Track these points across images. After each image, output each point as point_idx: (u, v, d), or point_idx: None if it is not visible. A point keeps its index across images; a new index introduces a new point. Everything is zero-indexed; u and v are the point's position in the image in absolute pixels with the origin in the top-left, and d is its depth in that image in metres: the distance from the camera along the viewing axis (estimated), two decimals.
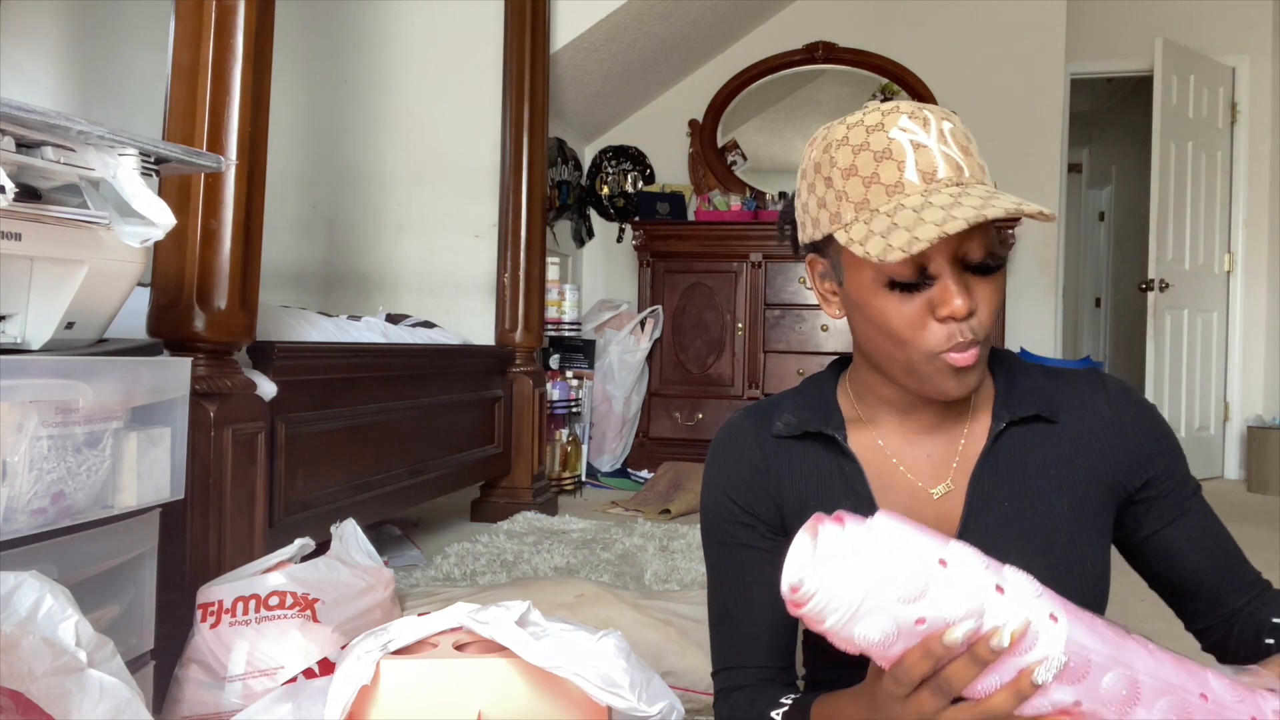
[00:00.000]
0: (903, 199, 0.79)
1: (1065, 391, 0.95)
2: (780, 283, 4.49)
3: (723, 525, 0.98)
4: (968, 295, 0.80)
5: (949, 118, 0.82)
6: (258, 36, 1.72)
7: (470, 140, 3.83)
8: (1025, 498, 0.90)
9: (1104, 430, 0.93)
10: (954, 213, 0.75)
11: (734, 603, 0.97)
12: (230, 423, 1.69)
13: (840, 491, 0.93)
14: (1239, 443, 4.91)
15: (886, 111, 0.82)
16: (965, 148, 0.81)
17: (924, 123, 0.81)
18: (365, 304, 3.79)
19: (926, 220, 0.76)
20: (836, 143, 0.83)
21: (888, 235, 0.77)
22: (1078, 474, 0.92)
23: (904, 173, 0.79)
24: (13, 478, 1.06)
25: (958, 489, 0.92)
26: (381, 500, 2.43)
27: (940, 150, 0.80)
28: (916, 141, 0.80)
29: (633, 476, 4.33)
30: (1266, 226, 4.93)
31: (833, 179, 0.83)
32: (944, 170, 0.79)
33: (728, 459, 0.98)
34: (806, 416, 0.95)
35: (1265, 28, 4.92)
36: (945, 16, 4.86)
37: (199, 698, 1.43)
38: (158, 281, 1.68)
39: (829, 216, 0.84)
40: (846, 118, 0.85)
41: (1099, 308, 7.18)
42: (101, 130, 1.13)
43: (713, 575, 1.00)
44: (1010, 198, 0.78)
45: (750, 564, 0.96)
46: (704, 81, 5.10)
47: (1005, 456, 0.92)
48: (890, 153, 0.80)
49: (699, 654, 1.65)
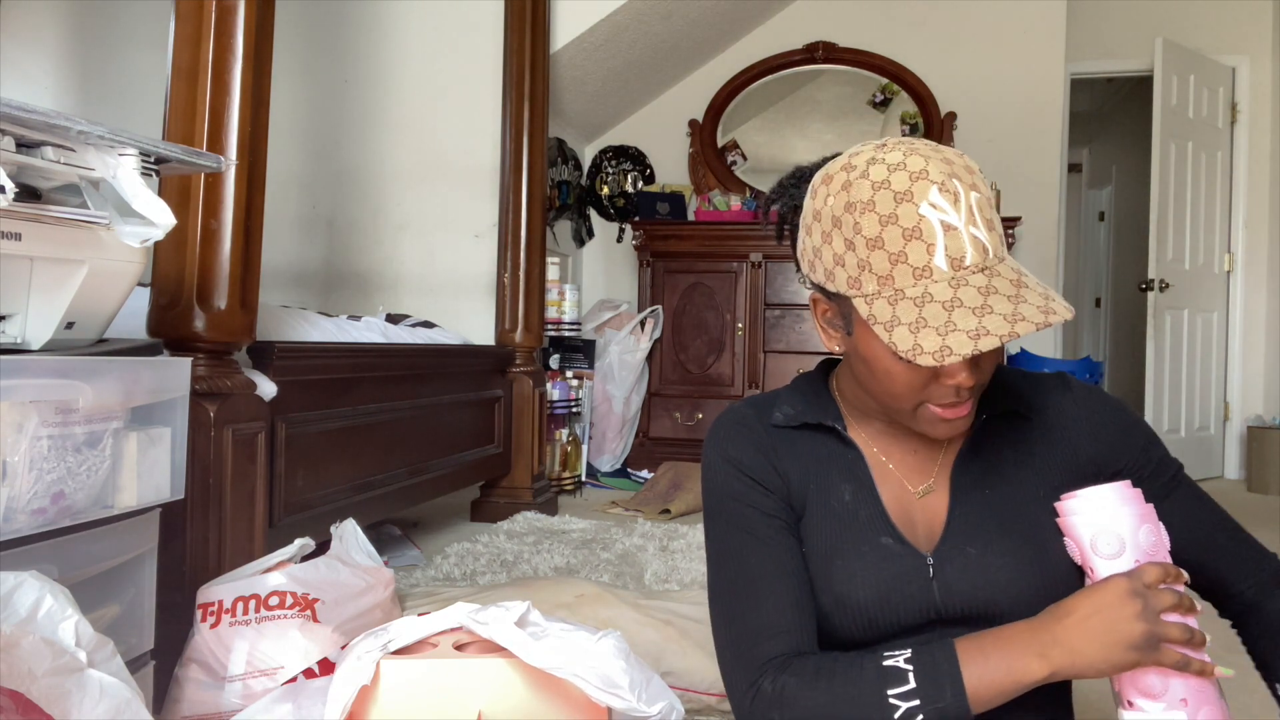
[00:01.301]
0: (930, 285, 0.79)
1: (1035, 391, 0.99)
2: (780, 283, 4.49)
3: (733, 499, 0.96)
4: (975, 367, 0.84)
5: (976, 186, 0.81)
6: (258, 36, 1.72)
7: (470, 140, 3.84)
8: (1004, 488, 0.94)
9: (1071, 424, 0.96)
10: (985, 323, 0.77)
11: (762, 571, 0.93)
12: (230, 423, 1.69)
13: (840, 477, 0.96)
14: (1239, 443, 4.91)
15: (915, 176, 0.80)
16: (990, 222, 0.81)
17: (954, 199, 0.79)
18: (365, 304, 3.79)
19: (959, 327, 0.77)
20: (861, 205, 0.81)
21: (917, 333, 0.78)
22: (1052, 465, 0.95)
23: (933, 257, 0.79)
24: (13, 478, 1.06)
25: (940, 483, 0.96)
26: (381, 500, 2.43)
27: (969, 233, 0.79)
28: (946, 223, 0.79)
29: (633, 476, 4.33)
30: (1266, 226, 4.93)
31: (855, 245, 0.82)
32: (971, 257, 0.79)
33: (733, 437, 0.98)
34: (804, 409, 0.98)
35: (1265, 28, 4.92)
36: (945, 16, 4.86)
37: (199, 698, 1.43)
38: (158, 281, 1.68)
39: (848, 279, 0.83)
40: (870, 171, 0.82)
41: (1099, 308, 7.19)
42: (101, 130, 1.13)
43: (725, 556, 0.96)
44: (1036, 300, 0.79)
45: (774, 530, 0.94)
46: (704, 81, 5.10)
47: (984, 450, 0.96)
48: (920, 232, 0.79)
49: (699, 654, 1.65)
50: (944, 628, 0.90)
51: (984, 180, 0.84)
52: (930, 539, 0.93)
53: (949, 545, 0.91)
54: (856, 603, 0.90)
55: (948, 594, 0.90)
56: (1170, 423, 4.69)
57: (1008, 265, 0.81)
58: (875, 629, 0.90)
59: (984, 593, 0.89)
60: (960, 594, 0.89)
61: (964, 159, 0.83)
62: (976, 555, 0.90)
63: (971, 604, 0.89)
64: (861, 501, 0.94)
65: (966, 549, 0.91)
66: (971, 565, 0.90)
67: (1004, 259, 0.82)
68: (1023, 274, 0.81)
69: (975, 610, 0.89)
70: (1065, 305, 0.79)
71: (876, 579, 0.90)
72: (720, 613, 0.94)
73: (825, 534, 0.94)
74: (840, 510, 0.94)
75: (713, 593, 0.96)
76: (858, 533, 0.93)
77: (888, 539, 0.92)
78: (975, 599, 0.89)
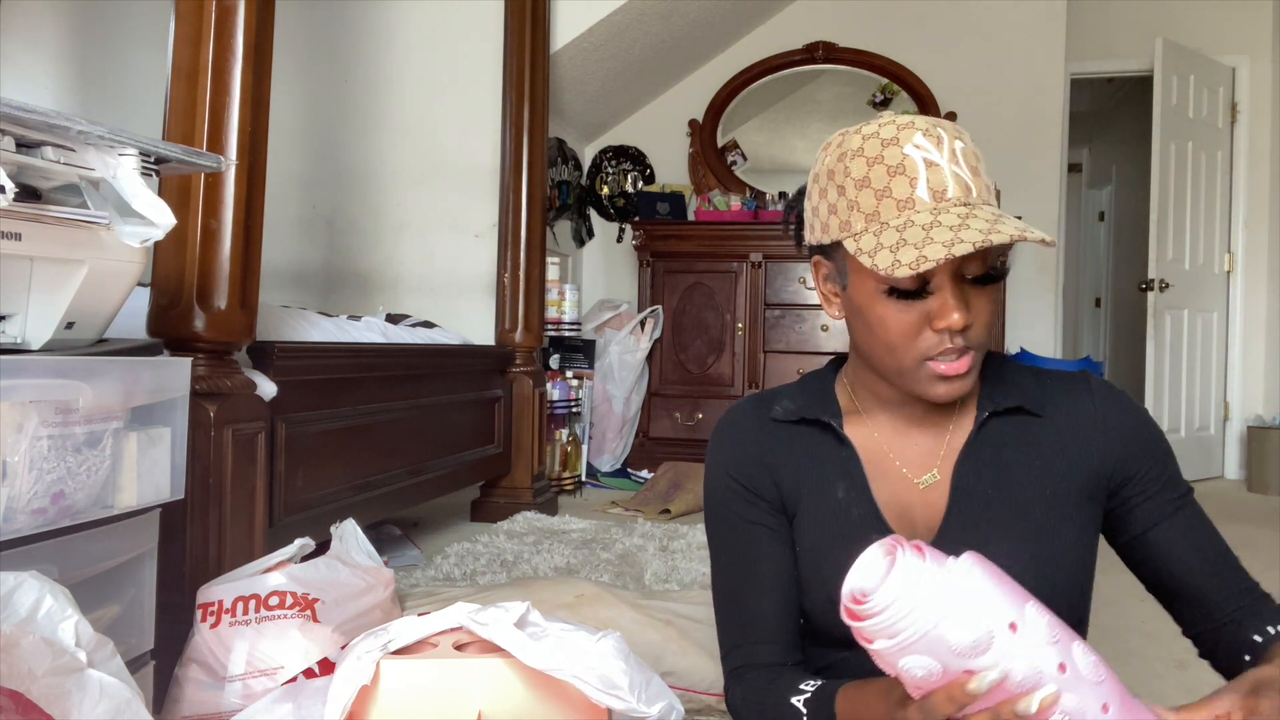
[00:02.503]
0: (913, 215, 0.82)
1: (1051, 389, 0.98)
2: (780, 283, 4.49)
3: (727, 506, 1.00)
4: (965, 309, 0.84)
5: (960, 136, 0.85)
6: (258, 36, 1.72)
7: (470, 140, 3.83)
8: (1007, 486, 0.93)
9: (1088, 424, 0.95)
10: (961, 234, 0.79)
11: (742, 581, 0.99)
12: (230, 423, 1.69)
13: (834, 475, 0.96)
14: (1239, 443, 4.90)
15: (902, 126, 0.84)
16: (975, 168, 0.85)
17: (937, 141, 0.84)
18: (365, 304, 3.79)
19: (935, 240, 0.79)
20: (851, 153, 0.85)
21: (896, 251, 0.80)
22: (1060, 465, 0.94)
23: (915, 189, 0.82)
24: (13, 478, 1.06)
25: (943, 478, 0.95)
26: (381, 500, 2.43)
27: (951, 170, 0.83)
28: (929, 159, 0.83)
29: (633, 476, 4.33)
30: (1266, 226, 4.93)
31: (845, 188, 0.85)
32: (953, 190, 0.82)
33: (730, 440, 1.01)
34: (805, 404, 0.99)
35: (1265, 28, 4.92)
36: (945, 16, 4.86)
37: (199, 698, 1.43)
38: (158, 281, 1.68)
39: (839, 224, 0.87)
40: (863, 127, 0.87)
41: (1099, 308, 7.19)
42: (101, 130, 1.13)
43: (718, 560, 1.02)
44: (1014, 223, 0.81)
45: (755, 540, 0.98)
46: (704, 81, 5.10)
47: (988, 447, 0.95)
48: (903, 168, 0.83)
49: (699, 654, 1.65)
50: None
51: (973, 144, 0.87)
52: (928, 535, 0.93)
53: (944, 543, 0.90)
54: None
55: None
56: (1170, 423, 4.69)
57: (990, 209, 0.83)
58: None
59: None
60: None
61: (956, 128, 0.86)
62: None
63: None
64: (854, 500, 0.95)
65: (961, 548, 0.90)
66: None
67: (989, 203, 0.84)
68: (1003, 215, 0.83)
69: None
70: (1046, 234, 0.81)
71: None
72: (718, 609, 1.02)
73: (817, 532, 0.95)
74: (833, 508, 0.95)
75: (713, 589, 1.03)
76: (850, 531, 0.93)
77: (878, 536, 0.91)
78: None
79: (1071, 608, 0.91)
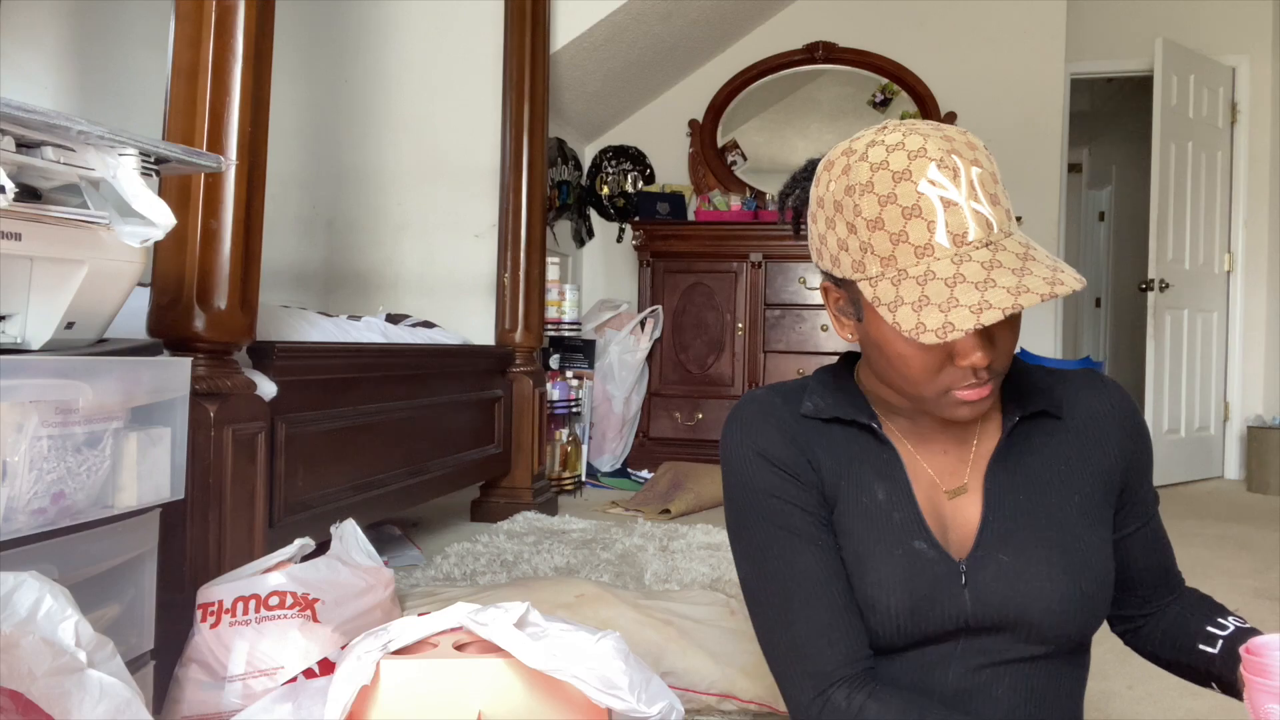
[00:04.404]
0: (932, 263, 0.77)
1: (1067, 389, 0.96)
2: (780, 283, 4.49)
3: (767, 494, 0.91)
4: (990, 346, 0.81)
5: (978, 161, 0.79)
6: (258, 36, 1.72)
7: (470, 140, 3.84)
8: (1038, 492, 0.92)
9: (1107, 423, 0.95)
10: (989, 297, 0.74)
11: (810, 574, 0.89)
12: (230, 423, 1.69)
13: (874, 476, 0.92)
14: (1239, 443, 4.91)
15: (913, 155, 0.78)
16: (994, 195, 0.79)
17: (953, 174, 0.77)
18: (365, 304, 3.79)
19: (961, 303, 0.75)
20: (860, 187, 0.79)
21: (920, 311, 0.76)
22: (1083, 468, 0.93)
23: (934, 235, 0.77)
24: (13, 478, 1.06)
25: (974, 486, 0.93)
26: (381, 500, 2.43)
27: (971, 207, 0.77)
28: (946, 199, 0.77)
29: (633, 476, 4.33)
30: (1266, 226, 4.93)
31: (856, 227, 0.80)
32: (975, 232, 0.77)
33: (761, 426, 0.93)
34: (835, 402, 0.94)
35: (1265, 28, 4.92)
36: (945, 17, 4.86)
37: (199, 698, 1.43)
38: (158, 281, 1.68)
39: (852, 263, 0.82)
40: (869, 151, 0.80)
41: (1099, 308, 7.18)
42: (101, 130, 1.13)
43: (763, 553, 0.91)
44: (1043, 272, 0.76)
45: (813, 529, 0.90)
46: (704, 81, 5.10)
47: (1017, 452, 0.93)
48: (919, 210, 0.77)
49: (699, 654, 1.64)
50: (971, 637, 0.89)
51: (988, 156, 0.82)
52: (963, 545, 0.90)
53: (982, 552, 0.89)
54: (886, 608, 0.88)
55: (979, 602, 0.87)
56: (1170, 423, 4.68)
57: (1014, 239, 0.79)
58: (903, 634, 0.88)
59: (1016, 602, 0.87)
60: (992, 603, 0.87)
61: (966, 136, 0.82)
62: (1010, 563, 0.88)
63: (1003, 613, 0.88)
64: (896, 503, 0.91)
65: (999, 556, 0.88)
66: (1005, 573, 0.87)
67: (1011, 233, 0.79)
68: (1030, 246, 0.79)
69: (1006, 620, 0.88)
70: (1075, 275, 0.76)
71: (908, 585, 0.87)
72: (772, 615, 0.91)
73: (856, 534, 0.90)
74: (873, 510, 0.91)
75: (754, 592, 0.93)
76: (891, 535, 0.89)
77: (921, 543, 0.89)
78: (1007, 608, 0.87)
79: (1096, 614, 0.91)
